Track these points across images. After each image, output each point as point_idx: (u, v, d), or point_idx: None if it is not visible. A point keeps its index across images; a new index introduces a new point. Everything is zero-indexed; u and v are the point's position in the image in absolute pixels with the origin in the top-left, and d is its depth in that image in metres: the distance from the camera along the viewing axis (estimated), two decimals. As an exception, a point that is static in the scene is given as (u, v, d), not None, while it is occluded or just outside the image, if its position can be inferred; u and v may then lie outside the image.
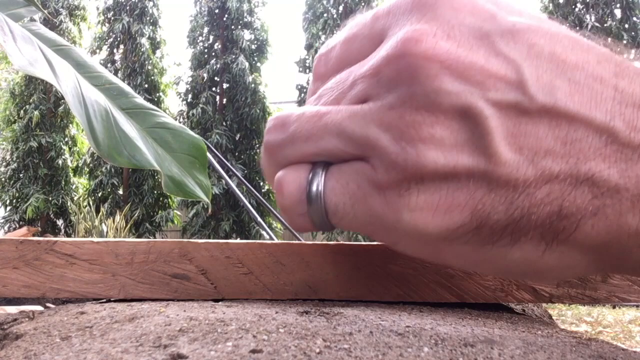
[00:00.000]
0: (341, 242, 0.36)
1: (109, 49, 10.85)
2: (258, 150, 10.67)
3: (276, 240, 0.41)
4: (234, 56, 10.54)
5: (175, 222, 10.30)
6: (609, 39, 0.25)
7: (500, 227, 0.23)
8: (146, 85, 10.40)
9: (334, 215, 0.25)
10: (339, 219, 0.25)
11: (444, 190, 0.23)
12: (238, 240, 0.36)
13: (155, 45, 10.89)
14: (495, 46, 0.23)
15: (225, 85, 10.79)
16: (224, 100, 10.76)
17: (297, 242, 0.36)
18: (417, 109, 0.22)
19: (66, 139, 10.62)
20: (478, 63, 0.22)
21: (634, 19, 9.45)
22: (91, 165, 10.35)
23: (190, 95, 10.86)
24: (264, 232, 1.16)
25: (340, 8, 10.54)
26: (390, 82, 0.23)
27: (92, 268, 0.34)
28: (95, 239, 0.35)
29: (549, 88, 0.22)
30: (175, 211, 10.37)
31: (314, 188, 0.25)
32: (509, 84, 0.22)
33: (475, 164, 0.22)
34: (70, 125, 10.65)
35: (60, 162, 10.32)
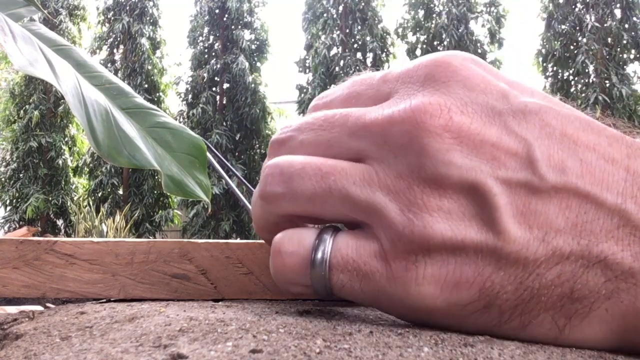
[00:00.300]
0: None
1: (109, 49, 10.85)
2: (258, 150, 10.67)
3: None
4: (234, 56, 10.54)
5: (176, 222, 10.30)
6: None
7: (509, 308, 0.22)
8: (146, 85, 10.41)
9: (339, 291, 0.25)
10: (344, 294, 0.25)
11: (452, 265, 0.22)
12: (238, 240, 0.36)
13: (155, 45, 10.89)
14: (508, 125, 0.23)
15: (225, 85, 10.80)
16: (224, 100, 10.76)
17: None
18: (426, 180, 0.22)
19: (66, 139, 10.62)
20: (490, 140, 0.22)
21: (634, 19, 9.45)
22: (91, 165, 10.35)
23: (190, 95, 10.86)
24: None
25: (340, 8, 10.53)
26: (398, 148, 0.23)
27: (92, 268, 0.34)
28: (95, 239, 0.35)
29: (560, 168, 0.22)
30: (175, 211, 10.36)
31: (319, 256, 0.24)
32: (520, 162, 0.22)
33: (483, 239, 0.22)
34: (70, 125, 10.65)
35: (60, 162, 10.32)
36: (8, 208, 10.26)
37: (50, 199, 10.09)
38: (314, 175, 0.25)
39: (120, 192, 10.40)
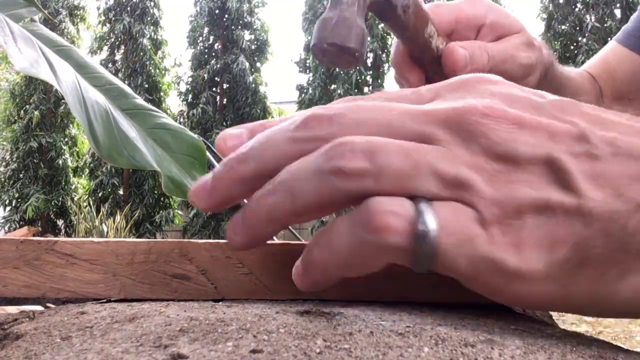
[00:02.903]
0: None
1: (109, 49, 10.85)
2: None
3: (276, 241, 0.41)
4: (234, 56, 10.54)
5: (177, 221, 10.30)
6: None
7: (603, 260, 0.24)
8: (147, 86, 10.41)
9: (444, 258, 0.24)
10: (447, 262, 0.24)
11: (544, 226, 0.24)
12: None
13: (156, 45, 10.89)
14: (553, 113, 0.26)
15: (225, 86, 10.80)
16: (224, 101, 10.76)
17: (297, 242, 0.36)
18: (500, 157, 0.24)
19: (66, 139, 10.63)
20: (543, 124, 0.25)
21: (634, 19, 9.42)
22: (91, 165, 10.35)
23: (190, 96, 10.87)
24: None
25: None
26: (467, 133, 0.25)
27: (93, 268, 0.34)
28: (96, 239, 0.35)
29: (607, 138, 0.25)
30: (176, 211, 10.36)
31: (424, 226, 0.23)
32: (575, 137, 0.25)
33: (567, 200, 0.24)
34: (71, 125, 10.65)
35: (60, 162, 10.32)
36: (8, 208, 10.27)
37: (50, 199, 10.10)
38: (399, 153, 0.25)
39: (121, 192, 10.40)
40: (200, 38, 11.11)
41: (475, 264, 0.24)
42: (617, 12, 9.67)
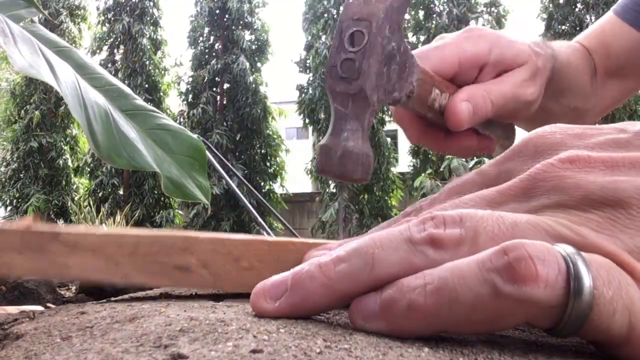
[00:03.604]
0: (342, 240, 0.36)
1: (109, 50, 10.85)
2: (259, 151, 10.66)
3: (276, 237, 0.41)
4: (234, 56, 10.54)
5: (177, 221, 10.30)
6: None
7: None
8: (146, 86, 10.41)
9: (598, 317, 0.20)
10: (601, 322, 0.21)
11: None
12: (240, 235, 0.36)
13: (156, 45, 10.89)
14: (627, 143, 0.26)
15: (225, 86, 10.79)
16: (225, 101, 10.76)
17: (298, 239, 0.36)
18: (602, 204, 0.23)
19: (67, 139, 10.63)
20: (633, 157, 0.24)
21: (634, 18, 9.42)
22: (92, 165, 10.35)
23: (190, 96, 10.86)
24: (264, 232, 1.16)
25: (341, 8, 10.50)
26: (553, 190, 0.24)
27: (96, 256, 0.35)
28: (99, 231, 0.35)
29: None
30: (177, 210, 10.36)
31: (580, 277, 0.20)
32: None
33: None
34: (72, 125, 10.65)
35: (60, 162, 10.32)
36: (9, 208, 10.27)
37: (50, 199, 10.10)
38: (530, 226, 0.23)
39: (121, 192, 10.40)
40: (201, 38, 11.10)
41: (633, 324, 0.21)
42: (617, 12, 9.64)
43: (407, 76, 0.41)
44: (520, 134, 0.39)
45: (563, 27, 9.13)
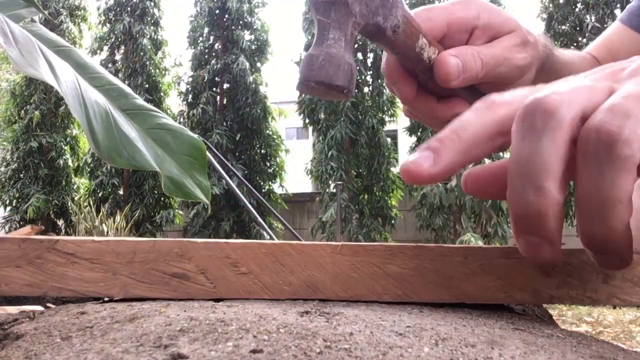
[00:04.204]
0: (341, 242, 0.36)
1: (109, 50, 10.84)
2: (259, 151, 10.65)
3: (276, 240, 0.41)
4: (234, 56, 10.53)
5: (177, 221, 10.29)
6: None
7: None
8: (147, 86, 10.40)
9: None
10: None
11: None
12: (238, 240, 0.36)
13: (156, 45, 10.88)
14: None
15: (225, 86, 10.78)
16: (225, 101, 10.75)
17: (296, 242, 0.36)
18: None
19: (67, 139, 10.62)
20: None
21: (635, 19, 9.40)
22: (92, 165, 10.34)
23: (190, 96, 10.86)
24: (264, 232, 1.16)
25: (341, 8, 10.42)
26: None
27: (93, 267, 0.34)
28: (97, 238, 0.35)
29: None
30: (177, 210, 10.36)
31: None
32: None
33: None
34: (72, 125, 10.65)
35: (61, 162, 10.32)
36: (8, 208, 10.26)
37: (50, 199, 10.09)
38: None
39: (121, 192, 10.39)
40: (201, 38, 11.10)
41: None
42: (617, 12, 9.66)
43: (391, 7, 0.42)
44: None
45: (563, 27, 9.12)
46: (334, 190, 9.26)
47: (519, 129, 0.30)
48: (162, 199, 10.37)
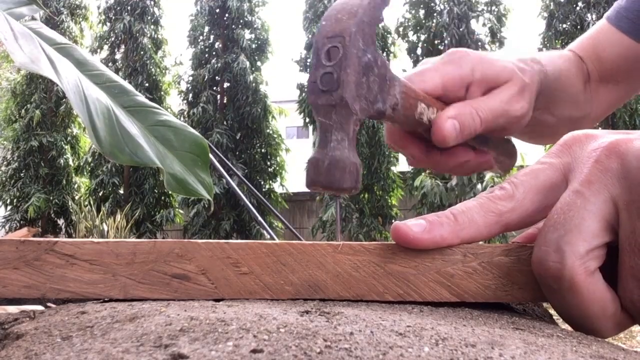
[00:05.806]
0: (341, 241, 0.36)
1: (110, 49, 10.85)
2: (259, 150, 10.65)
3: (277, 240, 0.41)
4: (234, 55, 10.53)
5: (177, 221, 10.29)
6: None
7: None
8: (147, 85, 10.40)
9: None
10: None
11: None
12: (238, 240, 0.36)
13: (157, 44, 10.89)
14: None
15: (226, 85, 10.78)
16: (225, 100, 10.75)
17: (297, 241, 0.36)
18: None
19: (68, 138, 10.63)
20: None
21: (636, 18, 9.38)
22: (92, 164, 10.35)
23: (191, 95, 10.86)
24: (264, 232, 1.16)
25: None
26: None
27: (93, 268, 0.34)
28: (96, 239, 0.35)
29: None
30: (177, 210, 10.36)
31: None
32: None
33: None
34: (72, 124, 10.66)
35: (61, 161, 10.32)
36: (9, 207, 10.27)
37: (51, 198, 10.10)
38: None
39: (121, 191, 10.39)
40: (201, 37, 11.09)
41: None
42: (618, 12, 9.62)
43: (389, 88, 0.42)
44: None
45: (564, 25, 9.12)
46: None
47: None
48: (163, 198, 10.38)
